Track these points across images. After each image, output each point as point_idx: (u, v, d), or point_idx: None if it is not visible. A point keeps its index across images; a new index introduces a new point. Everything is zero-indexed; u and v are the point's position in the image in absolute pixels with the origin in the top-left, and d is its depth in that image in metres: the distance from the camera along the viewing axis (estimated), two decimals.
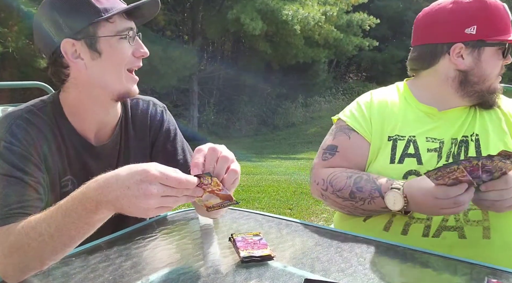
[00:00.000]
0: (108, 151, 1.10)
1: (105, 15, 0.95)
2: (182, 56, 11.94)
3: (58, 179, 1.02)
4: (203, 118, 14.12)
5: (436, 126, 1.22)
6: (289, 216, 3.01)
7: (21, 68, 10.17)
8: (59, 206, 0.78)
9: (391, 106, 1.27)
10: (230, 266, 0.89)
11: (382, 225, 1.18)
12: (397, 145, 1.20)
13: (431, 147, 1.18)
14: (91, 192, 0.74)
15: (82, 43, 0.96)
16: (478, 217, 1.11)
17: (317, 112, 15.52)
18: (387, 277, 0.87)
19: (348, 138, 1.26)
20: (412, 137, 1.20)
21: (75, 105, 1.03)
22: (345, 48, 14.05)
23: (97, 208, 0.74)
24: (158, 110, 1.19)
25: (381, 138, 1.23)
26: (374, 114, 1.26)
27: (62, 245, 0.80)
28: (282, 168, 8.05)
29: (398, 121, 1.24)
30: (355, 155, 1.24)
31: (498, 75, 1.22)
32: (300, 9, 11.95)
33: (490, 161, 0.89)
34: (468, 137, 1.20)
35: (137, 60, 1.03)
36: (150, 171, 0.72)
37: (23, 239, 0.79)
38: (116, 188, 0.72)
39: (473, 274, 0.85)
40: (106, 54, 0.98)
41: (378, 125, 1.24)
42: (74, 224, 0.77)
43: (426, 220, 1.13)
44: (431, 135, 1.21)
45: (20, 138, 0.93)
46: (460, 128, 1.21)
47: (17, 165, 0.90)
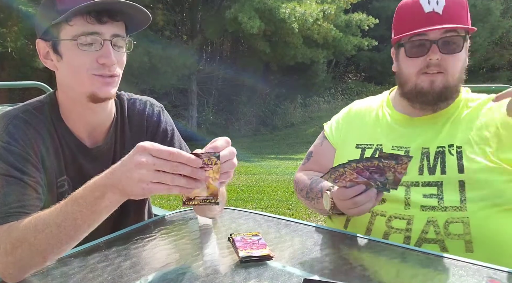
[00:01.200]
0: (103, 153, 1.09)
1: (62, 16, 0.91)
2: (181, 56, 11.92)
3: (55, 179, 1.02)
4: (202, 118, 14.11)
5: (404, 134, 1.21)
6: (288, 216, 3.01)
7: (19, 68, 10.16)
8: (70, 197, 0.80)
9: (365, 115, 1.33)
10: (229, 266, 0.89)
11: (362, 233, 1.17)
12: (364, 153, 1.25)
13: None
14: (100, 179, 0.78)
15: (49, 44, 0.97)
16: (459, 231, 1.07)
17: (316, 112, 15.51)
18: (385, 277, 0.87)
19: (320, 144, 1.40)
20: (379, 145, 1.23)
21: (65, 104, 1.04)
22: (344, 48, 14.05)
23: (104, 193, 0.77)
24: (155, 110, 1.19)
25: (347, 146, 1.30)
26: (346, 123, 1.36)
27: (67, 237, 0.80)
28: (281, 168, 8.05)
29: (368, 130, 1.29)
30: (325, 160, 1.35)
31: (418, 74, 1.14)
32: (298, 7, 11.93)
33: (370, 162, 0.94)
34: (445, 148, 1.14)
35: (101, 67, 0.96)
36: (142, 144, 0.75)
37: (29, 232, 0.80)
38: (118, 169, 0.76)
39: (473, 274, 0.85)
40: (65, 57, 0.96)
41: (346, 134, 1.34)
42: (81, 213, 0.78)
43: (405, 231, 1.11)
44: (397, 143, 1.21)
45: (17, 138, 0.93)
46: (433, 136, 1.17)
47: (15, 165, 0.90)
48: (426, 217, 1.10)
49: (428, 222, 1.09)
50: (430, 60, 1.11)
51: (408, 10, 1.16)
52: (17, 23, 9.61)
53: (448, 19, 1.09)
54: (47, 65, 1.00)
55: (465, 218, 1.07)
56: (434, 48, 1.10)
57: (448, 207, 1.08)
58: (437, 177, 1.12)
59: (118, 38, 0.97)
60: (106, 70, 0.97)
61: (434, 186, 1.11)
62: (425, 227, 1.10)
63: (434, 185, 1.12)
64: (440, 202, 1.09)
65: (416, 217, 1.11)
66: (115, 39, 0.97)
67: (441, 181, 1.11)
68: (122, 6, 0.94)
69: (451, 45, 1.11)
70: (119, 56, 0.98)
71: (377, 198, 1.02)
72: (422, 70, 1.14)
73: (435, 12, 1.10)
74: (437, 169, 1.13)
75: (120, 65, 1.00)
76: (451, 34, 1.11)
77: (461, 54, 1.13)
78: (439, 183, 1.11)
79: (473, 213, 1.06)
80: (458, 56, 1.12)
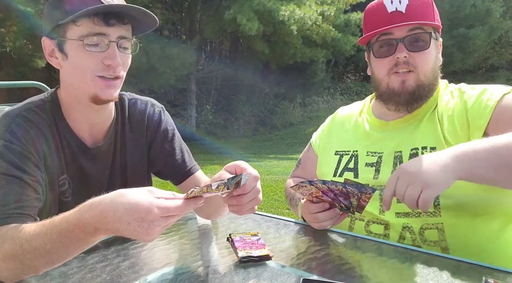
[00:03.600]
0: (103, 152, 1.09)
1: (69, 17, 0.91)
2: (180, 56, 11.91)
3: (56, 178, 1.02)
4: (201, 118, 14.10)
5: (378, 139, 1.21)
6: (287, 216, 3.00)
7: (18, 67, 10.14)
8: (52, 226, 0.75)
9: (346, 123, 1.35)
10: (228, 266, 0.89)
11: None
12: (342, 160, 1.27)
13: (369, 161, 1.20)
14: (88, 219, 0.71)
15: (55, 43, 0.97)
16: (434, 237, 1.05)
17: (315, 112, 15.51)
18: (384, 277, 0.87)
19: (307, 151, 1.45)
20: (355, 151, 1.25)
21: (67, 103, 1.03)
22: (343, 48, 14.06)
23: (96, 233, 0.73)
24: (156, 110, 1.19)
25: (327, 153, 1.33)
26: (327, 131, 1.40)
27: (58, 258, 0.78)
28: (280, 168, 8.05)
29: (348, 137, 1.30)
30: (310, 167, 1.40)
31: (389, 74, 1.13)
32: (297, 10, 11.93)
33: (334, 185, 0.95)
34: (418, 150, 1.10)
35: (106, 68, 0.96)
36: (152, 211, 0.68)
37: (17, 250, 0.77)
38: (114, 221, 0.69)
39: (471, 274, 0.86)
40: (71, 57, 0.96)
41: (327, 141, 1.37)
42: (73, 243, 0.75)
43: (384, 236, 1.11)
44: (371, 149, 1.22)
45: (19, 136, 0.93)
46: (406, 139, 1.14)
47: (16, 164, 0.90)
48: (401, 223, 1.09)
49: (404, 228, 1.09)
50: (398, 58, 1.10)
51: (374, 11, 1.16)
52: (16, 22, 9.60)
53: (412, 16, 1.09)
54: (52, 63, 0.99)
55: (440, 224, 1.05)
56: (401, 46, 1.10)
57: (422, 213, 1.06)
58: None
59: (124, 39, 0.98)
60: (110, 71, 0.97)
61: None
62: (402, 233, 1.09)
63: None
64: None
65: (392, 222, 1.11)
66: (121, 41, 0.97)
67: None
68: (130, 10, 0.94)
69: (418, 42, 1.10)
70: (124, 57, 0.99)
71: (340, 218, 1.06)
72: (391, 69, 1.13)
73: (398, 11, 1.10)
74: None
75: (125, 67, 1.01)
76: (417, 31, 1.10)
77: (430, 51, 1.11)
78: None
79: (447, 219, 1.04)
80: (426, 53, 1.11)
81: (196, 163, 1.22)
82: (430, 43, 1.10)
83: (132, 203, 0.69)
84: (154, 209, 0.68)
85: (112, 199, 0.71)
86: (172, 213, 0.70)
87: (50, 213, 1.01)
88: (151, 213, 0.68)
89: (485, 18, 15.69)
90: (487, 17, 15.73)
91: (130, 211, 0.68)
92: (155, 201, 0.70)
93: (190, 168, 1.19)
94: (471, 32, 15.22)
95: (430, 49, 1.11)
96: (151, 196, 0.71)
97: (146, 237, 0.70)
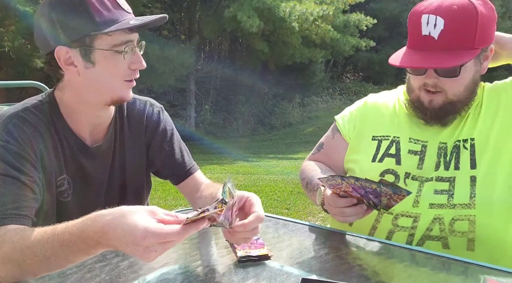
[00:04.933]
0: (103, 151, 1.09)
1: (103, 30, 0.92)
2: (179, 56, 11.89)
3: (54, 178, 1.01)
4: (200, 118, 14.09)
5: (422, 127, 1.20)
6: (286, 216, 3.01)
7: (17, 67, 10.13)
8: (54, 235, 0.75)
9: (382, 108, 1.30)
10: (227, 265, 0.89)
11: (367, 231, 1.18)
12: (381, 145, 1.23)
13: (412, 148, 1.18)
14: (91, 233, 0.71)
15: (76, 51, 0.95)
16: (463, 228, 1.07)
17: (314, 112, 15.52)
18: (384, 277, 0.87)
19: (332, 137, 1.36)
20: (397, 137, 1.22)
21: (69, 105, 1.03)
22: (342, 48, 14.06)
23: (97, 246, 0.72)
24: (155, 110, 1.19)
25: (362, 139, 1.28)
26: (361, 116, 1.32)
27: (57, 266, 0.78)
28: (279, 168, 8.05)
29: (385, 121, 1.27)
30: (335, 153, 1.33)
31: (420, 89, 1.14)
32: (297, 5, 11.93)
33: (368, 183, 0.93)
34: (460, 143, 1.14)
35: (134, 72, 1.01)
36: (146, 238, 0.66)
37: (17, 254, 0.77)
38: (114, 239, 0.68)
39: (471, 274, 0.86)
40: (100, 65, 0.96)
41: (361, 126, 1.30)
42: (73, 253, 0.75)
43: (411, 228, 1.12)
44: (414, 135, 1.20)
45: (16, 137, 0.93)
46: (451, 132, 1.17)
47: (13, 164, 0.90)
48: (433, 214, 1.10)
49: (434, 219, 1.10)
50: (432, 81, 1.10)
51: (412, 23, 1.12)
52: (15, 22, 9.58)
53: (443, 45, 1.05)
54: (67, 71, 0.97)
55: (472, 216, 1.07)
56: (430, 72, 1.09)
57: (457, 204, 1.08)
58: (450, 172, 1.12)
59: (141, 42, 1.02)
60: (135, 74, 1.01)
61: (447, 182, 1.11)
62: (431, 225, 1.10)
63: (446, 180, 1.11)
64: (449, 199, 1.09)
65: (423, 214, 1.11)
66: (139, 44, 1.01)
67: (454, 177, 1.11)
68: (156, 22, 0.98)
69: (450, 70, 1.08)
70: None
71: (365, 214, 1.03)
72: (422, 86, 1.13)
73: (431, 36, 1.06)
74: (451, 164, 1.13)
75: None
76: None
77: (462, 76, 1.09)
78: (451, 178, 1.11)
79: (481, 212, 1.06)
80: (458, 78, 1.09)
81: (195, 163, 1.22)
82: (460, 71, 1.08)
83: (130, 225, 0.67)
84: (149, 236, 0.66)
85: (113, 217, 0.70)
86: (168, 239, 0.68)
87: (48, 213, 1.00)
88: (145, 239, 0.66)
89: None
90: None
91: (128, 233, 0.67)
92: (152, 226, 0.67)
93: (189, 168, 1.19)
94: None
95: (461, 75, 1.09)
96: (150, 220, 0.68)
97: (144, 260, 0.69)
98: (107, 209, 0.72)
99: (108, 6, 0.94)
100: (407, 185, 1.14)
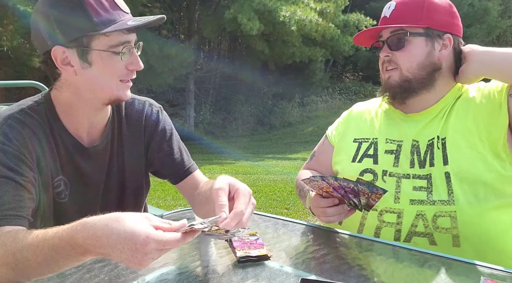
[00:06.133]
0: (100, 152, 1.09)
1: (101, 31, 0.92)
2: (178, 55, 11.89)
3: (51, 179, 1.01)
4: (199, 118, 14.09)
5: (398, 128, 1.26)
6: (286, 216, 3.01)
7: (16, 67, 10.12)
8: (45, 239, 0.74)
9: (365, 114, 1.39)
10: (226, 266, 0.89)
11: (355, 228, 1.21)
12: (361, 147, 1.31)
13: (388, 148, 1.25)
14: (80, 239, 0.69)
15: (73, 51, 0.95)
16: (446, 224, 1.09)
17: (314, 111, 15.53)
18: (383, 277, 0.87)
19: (322, 144, 1.46)
20: (375, 139, 1.29)
21: (67, 104, 1.02)
22: (342, 48, 14.08)
23: (86, 253, 0.71)
24: (154, 110, 1.19)
25: (344, 141, 1.36)
26: (345, 122, 1.43)
27: (49, 270, 0.77)
28: (278, 168, 8.05)
29: (366, 126, 1.35)
30: (325, 158, 1.42)
31: (382, 70, 1.26)
32: (298, 11, 11.94)
33: (346, 183, 0.97)
34: (434, 140, 1.18)
35: (130, 72, 1.00)
36: (148, 244, 0.65)
37: (10, 257, 0.76)
38: (107, 246, 0.67)
39: (469, 274, 0.86)
40: (97, 65, 0.96)
41: (345, 130, 1.40)
42: (63, 259, 0.74)
43: (396, 224, 1.14)
44: (391, 136, 1.26)
45: (12, 138, 0.92)
46: (423, 130, 1.21)
47: (9, 166, 0.89)
48: (415, 210, 1.12)
49: (417, 215, 1.12)
50: (385, 57, 1.23)
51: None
52: (13, 22, 9.56)
53: (393, 20, 1.21)
54: (63, 71, 0.97)
55: (453, 212, 1.09)
56: (384, 47, 1.23)
57: (437, 201, 1.11)
58: (426, 170, 1.15)
59: (139, 43, 1.02)
60: (132, 75, 1.01)
61: (424, 179, 1.14)
62: (415, 221, 1.12)
63: (424, 178, 1.15)
64: (429, 196, 1.12)
65: (406, 210, 1.14)
66: (137, 44, 1.01)
67: (430, 174, 1.14)
68: (155, 22, 0.98)
69: (398, 42, 1.20)
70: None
71: (347, 214, 1.07)
72: (383, 66, 1.26)
73: (385, 16, 1.24)
74: (426, 161, 1.16)
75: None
76: (397, 32, 1.20)
77: (410, 49, 1.19)
78: (428, 176, 1.14)
79: (461, 207, 1.08)
80: (406, 51, 1.20)
81: (194, 162, 1.22)
82: (405, 42, 1.19)
83: (128, 231, 0.66)
84: (151, 241, 0.65)
85: (107, 223, 0.68)
86: (167, 246, 0.68)
87: (45, 214, 1.00)
88: (147, 246, 0.65)
89: (483, 17, 15.73)
90: (485, 16, 15.77)
91: (125, 240, 0.66)
92: (153, 233, 0.66)
93: (188, 167, 1.19)
94: (468, 31, 15.24)
95: (409, 47, 1.20)
96: (148, 226, 0.68)
97: (137, 267, 0.68)
98: (99, 214, 0.71)
99: (106, 6, 0.93)
100: (385, 182, 1.19)
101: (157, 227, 0.69)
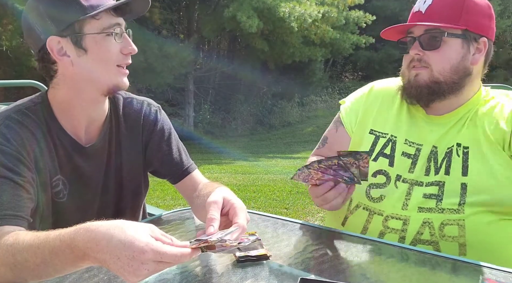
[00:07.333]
0: (98, 151, 1.09)
1: (91, 13, 0.94)
2: (177, 55, 11.88)
3: (49, 179, 1.01)
4: (198, 117, 14.08)
5: (420, 129, 1.20)
6: (285, 215, 3.01)
7: (15, 66, 10.10)
8: (46, 241, 0.74)
9: (384, 99, 1.29)
10: (225, 265, 0.89)
11: (359, 232, 1.18)
12: (377, 142, 1.24)
13: (406, 151, 1.19)
14: (80, 242, 0.69)
15: (68, 40, 0.96)
16: (453, 233, 1.07)
17: (313, 111, 15.52)
18: (383, 277, 0.87)
19: (336, 131, 1.36)
20: (394, 137, 1.22)
21: (64, 101, 1.02)
22: (342, 46, 14.06)
23: (84, 258, 0.71)
24: (152, 110, 1.18)
25: (363, 131, 1.27)
26: (364, 106, 1.31)
27: (46, 274, 0.77)
28: (278, 168, 8.04)
29: (387, 118, 1.25)
30: (339, 147, 1.29)
31: (408, 68, 1.17)
32: (297, 6, 11.93)
33: (330, 161, 0.96)
34: (453, 148, 1.13)
35: (126, 57, 1.01)
36: (145, 252, 0.65)
37: (9, 258, 0.76)
38: (106, 251, 0.67)
39: (471, 274, 0.86)
40: (92, 51, 0.97)
41: (363, 117, 1.29)
42: (61, 263, 0.74)
43: (401, 231, 1.12)
44: (411, 137, 1.20)
45: (9, 138, 0.92)
46: (444, 136, 1.16)
47: (8, 166, 0.89)
48: (422, 218, 1.10)
49: (424, 223, 1.10)
50: (415, 55, 1.14)
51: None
52: (12, 21, 9.55)
53: (428, 17, 1.13)
54: (60, 62, 0.97)
55: (461, 220, 1.07)
56: (415, 44, 1.14)
57: (445, 209, 1.08)
58: (440, 176, 1.12)
59: (128, 29, 1.02)
60: (128, 59, 1.02)
61: (436, 186, 1.11)
62: (421, 228, 1.10)
63: (435, 184, 1.12)
64: (438, 204, 1.09)
65: (412, 218, 1.11)
66: (127, 31, 1.02)
67: (443, 182, 1.11)
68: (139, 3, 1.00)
69: (433, 41, 1.12)
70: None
71: (349, 191, 1.03)
72: (410, 64, 1.17)
73: (419, 11, 1.15)
74: (442, 169, 1.12)
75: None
76: (433, 31, 1.12)
77: (444, 50, 1.12)
78: (441, 183, 1.11)
79: (470, 216, 1.06)
80: (440, 51, 1.12)
81: (193, 162, 1.21)
82: (441, 43, 1.11)
83: (128, 238, 0.66)
84: (149, 250, 0.65)
85: (109, 228, 0.68)
86: (165, 260, 0.67)
87: (44, 214, 1.00)
88: (144, 254, 0.65)
89: None
90: None
91: (124, 246, 0.66)
92: (152, 242, 0.66)
93: (187, 167, 1.18)
94: None
95: (444, 48, 1.12)
96: (149, 236, 0.68)
97: (131, 278, 0.67)
98: (97, 214, 0.70)
99: None
100: (397, 188, 1.15)
101: (158, 238, 0.69)
